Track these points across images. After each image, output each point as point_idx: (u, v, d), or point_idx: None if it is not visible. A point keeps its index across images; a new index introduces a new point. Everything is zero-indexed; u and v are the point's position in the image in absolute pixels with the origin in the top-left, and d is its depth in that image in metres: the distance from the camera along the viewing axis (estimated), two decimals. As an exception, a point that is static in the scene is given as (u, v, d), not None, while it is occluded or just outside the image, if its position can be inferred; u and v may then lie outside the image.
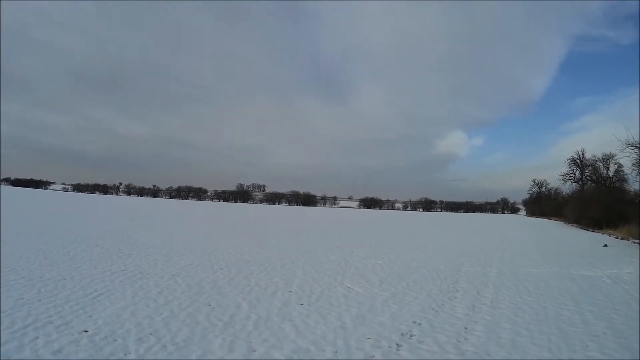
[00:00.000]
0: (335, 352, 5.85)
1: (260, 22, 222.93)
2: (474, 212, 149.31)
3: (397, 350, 6.02)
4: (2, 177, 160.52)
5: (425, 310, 8.33)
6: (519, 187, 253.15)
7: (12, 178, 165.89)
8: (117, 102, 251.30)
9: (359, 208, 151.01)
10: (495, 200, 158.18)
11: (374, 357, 5.73)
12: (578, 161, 61.97)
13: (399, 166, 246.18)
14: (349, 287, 10.22)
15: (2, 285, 8.39)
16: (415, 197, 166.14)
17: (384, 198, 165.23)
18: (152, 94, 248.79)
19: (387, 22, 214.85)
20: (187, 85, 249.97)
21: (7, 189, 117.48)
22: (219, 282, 10.05)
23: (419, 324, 7.33)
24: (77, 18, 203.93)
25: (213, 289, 9.36)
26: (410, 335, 6.68)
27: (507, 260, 16.53)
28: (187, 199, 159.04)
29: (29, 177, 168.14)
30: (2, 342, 5.51)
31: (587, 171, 59.84)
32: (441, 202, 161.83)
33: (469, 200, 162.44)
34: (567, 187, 65.23)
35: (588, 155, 60.04)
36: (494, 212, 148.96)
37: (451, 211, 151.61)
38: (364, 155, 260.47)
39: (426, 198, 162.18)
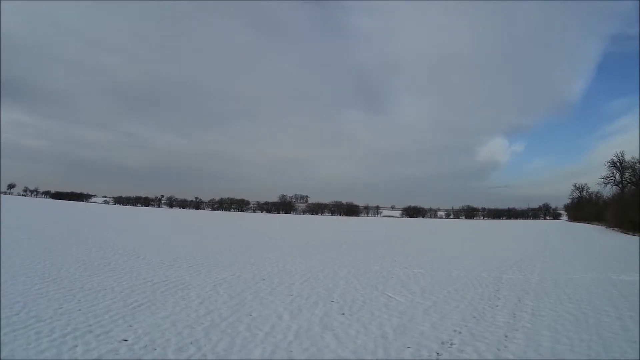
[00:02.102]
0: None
1: (300, 38, 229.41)
2: (516, 218, 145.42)
3: (438, 358, 5.93)
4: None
5: (466, 318, 8.15)
6: (560, 192, 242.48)
7: (53, 191, 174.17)
8: (158, 118, 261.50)
9: (402, 217, 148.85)
10: (537, 206, 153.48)
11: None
12: (618, 163, 59.87)
13: (441, 175, 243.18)
14: (390, 297, 10.07)
15: (42, 296, 8.70)
16: (457, 205, 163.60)
17: (426, 206, 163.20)
18: (193, 110, 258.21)
19: (424, 32, 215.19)
20: (230, 101, 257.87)
21: (47, 201, 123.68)
22: (261, 293, 10.08)
23: (460, 333, 7.17)
24: (119, 39, 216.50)
25: (255, 299, 9.39)
26: (451, 344, 6.55)
27: (548, 267, 16.05)
28: (229, 210, 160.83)
29: (70, 191, 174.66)
30: (40, 350, 5.68)
31: (627, 173, 57.85)
32: (483, 209, 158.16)
33: (511, 206, 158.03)
34: (608, 191, 62.96)
35: (627, 157, 58.23)
36: (536, 218, 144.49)
37: (493, 218, 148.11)
38: (406, 164, 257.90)
39: (468, 205, 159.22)
